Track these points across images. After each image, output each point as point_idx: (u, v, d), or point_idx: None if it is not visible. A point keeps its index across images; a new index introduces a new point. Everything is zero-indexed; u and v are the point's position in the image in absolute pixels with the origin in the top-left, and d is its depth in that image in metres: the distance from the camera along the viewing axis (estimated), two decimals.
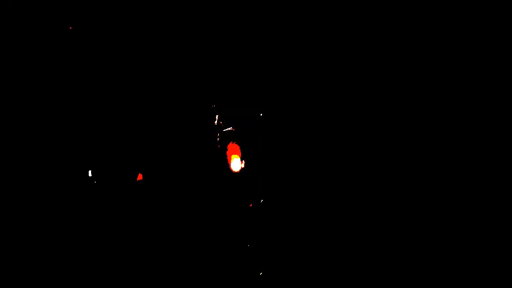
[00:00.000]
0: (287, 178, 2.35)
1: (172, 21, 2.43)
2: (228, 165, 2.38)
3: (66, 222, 2.30)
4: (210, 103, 2.41)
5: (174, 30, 2.44)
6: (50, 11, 2.35)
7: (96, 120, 2.42)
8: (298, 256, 2.24)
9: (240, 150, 2.35)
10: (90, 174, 2.38)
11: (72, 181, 2.37)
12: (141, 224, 2.34)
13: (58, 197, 2.32)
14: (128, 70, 2.44)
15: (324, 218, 2.29)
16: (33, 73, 2.35)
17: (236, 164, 2.36)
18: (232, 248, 2.29)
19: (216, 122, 2.37)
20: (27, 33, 2.33)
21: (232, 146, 2.35)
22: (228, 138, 2.38)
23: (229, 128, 2.32)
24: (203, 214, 2.36)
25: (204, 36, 2.44)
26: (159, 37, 2.44)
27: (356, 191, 2.29)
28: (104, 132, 2.42)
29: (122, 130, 2.43)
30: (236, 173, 2.38)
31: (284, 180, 2.35)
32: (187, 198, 2.38)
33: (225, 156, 2.38)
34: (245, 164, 2.38)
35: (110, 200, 2.37)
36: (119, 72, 2.44)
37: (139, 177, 2.39)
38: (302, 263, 2.23)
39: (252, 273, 2.24)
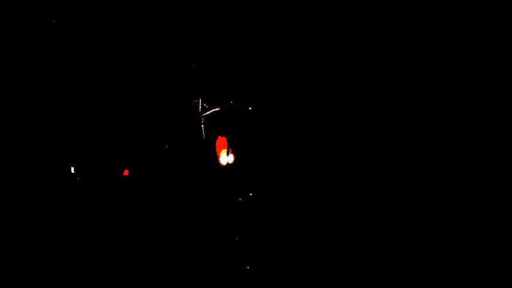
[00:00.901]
0: (276, 172, 2.35)
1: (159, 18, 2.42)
2: (216, 159, 2.38)
3: (53, 217, 2.30)
4: (196, 97, 2.40)
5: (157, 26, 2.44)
6: (48, 11, 2.35)
7: (83, 117, 2.42)
8: (287, 251, 2.24)
9: (227, 144, 2.34)
10: (73, 171, 2.37)
11: (62, 178, 2.37)
12: (130, 220, 2.34)
13: (48, 193, 2.33)
14: (115, 68, 2.44)
15: (312, 213, 2.30)
16: (25, 72, 2.35)
17: (224, 158, 2.35)
18: (221, 243, 2.29)
19: (201, 113, 2.35)
20: (26, 32, 2.33)
21: (220, 140, 2.34)
22: (215, 131, 2.38)
23: (212, 111, 2.29)
24: (192, 208, 2.36)
25: (190, 32, 2.44)
26: (144, 33, 2.44)
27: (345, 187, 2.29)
28: (90, 129, 2.42)
29: (109, 126, 2.43)
30: (224, 167, 2.37)
31: (273, 174, 2.35)
32: (175, 193, 2.38)
33: (213, 150, 2.38)
34: (234, 158, 2.37)
35: (98, 196, 2.37)
36: (106, 70, 2.44)
37: (125, 172, 2.39)
38: (290, 258, 2.23)
39: (240, 267, 2.24)
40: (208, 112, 2.31)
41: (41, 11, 2.34)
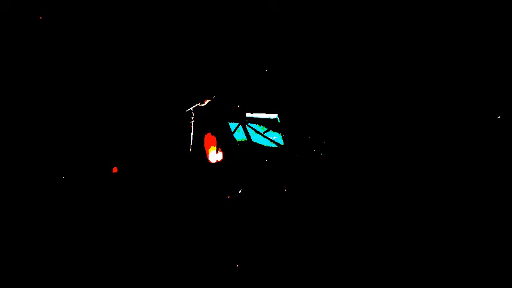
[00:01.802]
0: (267, 171, 2.36)
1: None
2: (205, 156, 2.38)
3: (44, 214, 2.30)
4: (186, 97, 2.40)
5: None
6: (47, 11, 2.35)
7: (73, 117, 2.42)
8: (276, 249, 2.25)
9: (216, 141, 2.33)
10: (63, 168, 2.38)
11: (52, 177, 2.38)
12: (120, 217, 2.34)
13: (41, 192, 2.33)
14: (106, 68, 2.45)
15: (301, 210, 2.30)
16: (15, 73, 2.35)
17: (213, 156, 2.34)
18: (209, 241, 2.29)
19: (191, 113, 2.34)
20: (24, 32, 2.34)
21: (209, 137, 2.33)
22: (203, 128, 2.37)
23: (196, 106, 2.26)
24: (181, 206, 2.35)
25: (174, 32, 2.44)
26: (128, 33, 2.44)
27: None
28: (81, 129, 2.43)
29: (97, 124, 2.43)
30: (213, 165, 2.37)
31: (264, 172, 2.36)
32: (165, 190, 2.38)
33: (202, 147, 2.37)
34: (223, 156, 2.37)
35: (88, 193, 2.37)
36: (97, 71, 2.44)
37: (115, 170, 2.39)
38: (279, 255, 2.23)
39: (229, 265, 2.24)
40: (193, 107, 2.28)
41: (37, 11, 2.34)
